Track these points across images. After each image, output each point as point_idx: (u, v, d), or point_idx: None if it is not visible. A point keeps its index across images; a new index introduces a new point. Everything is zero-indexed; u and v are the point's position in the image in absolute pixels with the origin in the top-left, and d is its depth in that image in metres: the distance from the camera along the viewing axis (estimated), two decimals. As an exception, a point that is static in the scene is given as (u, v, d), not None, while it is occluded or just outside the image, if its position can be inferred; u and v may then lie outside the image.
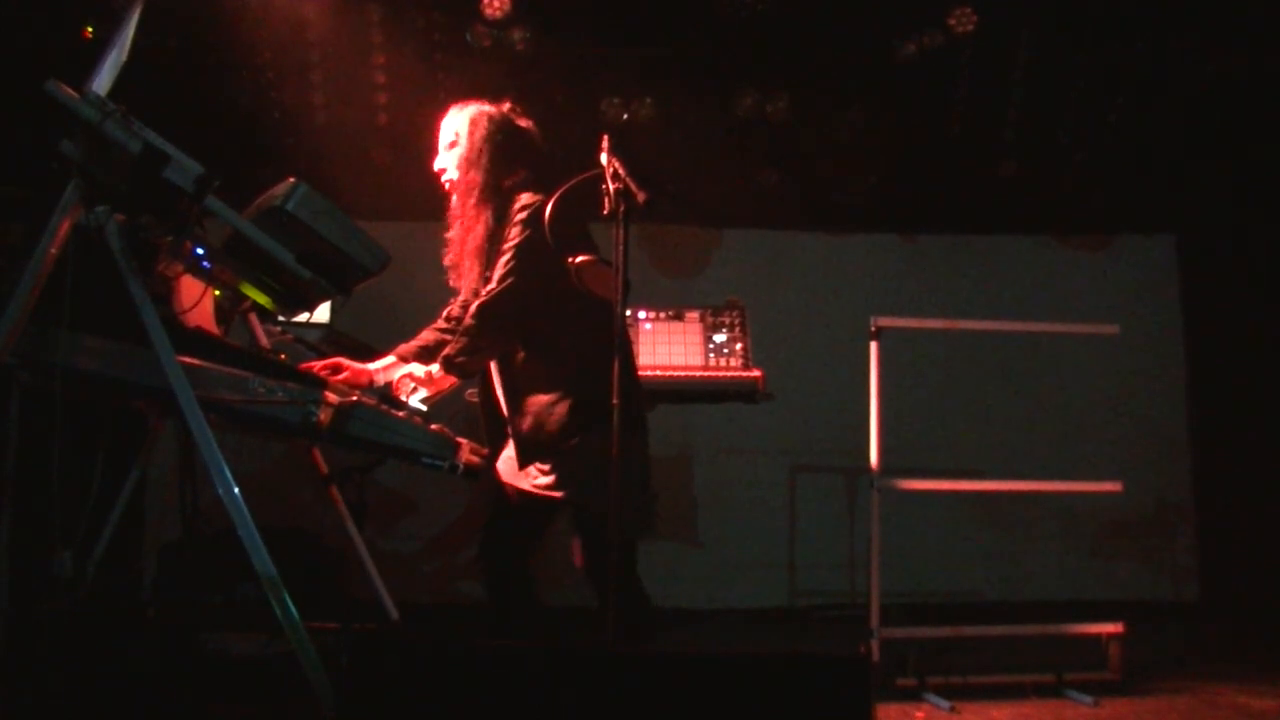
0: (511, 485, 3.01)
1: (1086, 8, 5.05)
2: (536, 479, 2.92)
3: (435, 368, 2.97)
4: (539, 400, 2.90)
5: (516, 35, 5.02)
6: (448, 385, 3.03)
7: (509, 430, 2.99)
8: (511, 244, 2.90)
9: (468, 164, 3.00)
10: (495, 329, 2.92)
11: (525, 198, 2.93)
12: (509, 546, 3.04)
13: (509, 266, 2.89)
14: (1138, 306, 5.75)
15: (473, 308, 2.93)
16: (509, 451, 3.00)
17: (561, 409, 2.87)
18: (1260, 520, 5.35)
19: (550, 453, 2.88)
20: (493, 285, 2.90)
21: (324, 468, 3.58)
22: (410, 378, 2.99)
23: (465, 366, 2.96)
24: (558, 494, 2.89)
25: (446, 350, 2.95)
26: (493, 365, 3.05)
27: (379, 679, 2.16)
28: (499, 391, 3.04)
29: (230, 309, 3.16)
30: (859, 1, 5.06)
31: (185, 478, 3.08)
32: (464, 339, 2.92)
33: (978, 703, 3.69)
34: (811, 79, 5.32)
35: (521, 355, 2.95)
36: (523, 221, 2.89)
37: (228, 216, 2.62)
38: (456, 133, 3.05)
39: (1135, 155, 5.56)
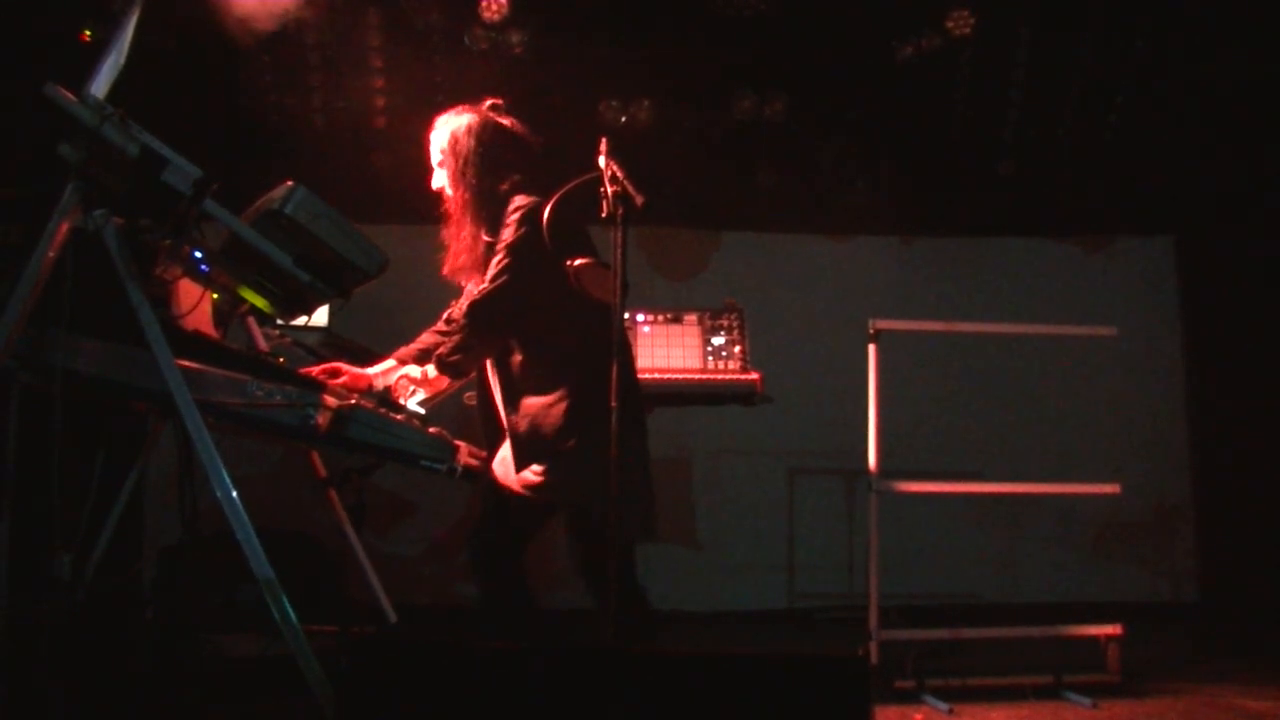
0: (506, 486, 3.01)
1: (1086, 8, 5.06)
2: (532, 480, 2.92)
3: (430, 368, 2.98)
4: (536, 402, 2.90)
5: (514, 38, 5.03)
6: (443, 385, 3.03)
7: (506, 432, 3.00)
8: (505, 244, 2.90)
9: (456, 180, 3.02)
10: (488, 328, 2.93)
11: (519, 199, 2.94)
12: (501, 546, 3.04)
13: (501, 265, 2.89)
14: (1136, 308, 5.75)
15: (465, 307, 2.94)
16: (504, 452, 3.01)
17: (559, 410, 2.87)
18: (1260, 520, 5.35)
19: (547, 454, 2.88)
20: (486, 284, 2.91)
21: (322, 471, 3.58)
22: (406, 378, 2.99)
23: (459, 366, 2.97)
24: (553, 496, 2.89)
25: (440, 350, 2.96)
26: (490, 367, 3.05)
27: (378, 681, 2.17)
28: (496, 394, 3.04)
29: (228, 312, 3.16)
30: (858, 3, 5.07)
31: (184, 480, 3.07)
32: (457, 338, 2.94)
33: (976, 704, 3.69)
34: (811, 80, 5.33)
35: (518, 357, 2.96)
36: (517, 221, 2.90)
37: (226, 219, 2.62)
38: (442, 150, 3.06)
39: (1135, 155, 5.56)
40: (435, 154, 3.09)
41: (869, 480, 3.96)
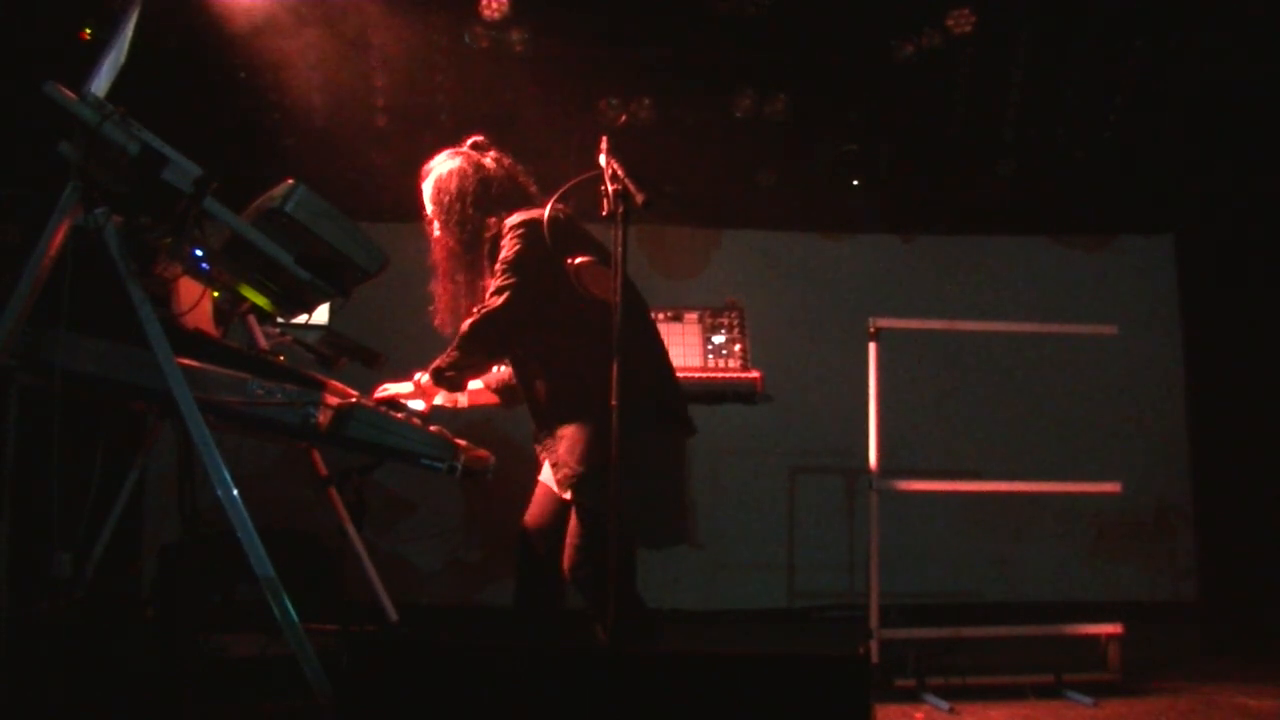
0: (548, 487, 3.01)
1: (1086, 8, 5.05)
2: (576, 499, 2.90)
3: (424, 377, 2.97)
4: (569, 429, 2.88)
5: (515, 36, 5.02)
6: (434, 395, 3.03)
7: (544, 454, 2.99)
8: (504, 260, 2.89)
9: (444, 225, 3.04)
10: (486, 342, 2.91)
11: (516, 217, 2.94)
12: (545, 547, 3.02)
13: (502, 281, 2.88)
14: (1137, 307, 5.75)
15: (465, 322, 2.92)
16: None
17: (591, 432, 2.83)
18: (1260, 520, 5.34)
19: (587, 476, 2.84)
20: (488, 300, 2.90)
21: (323, 469, 3.58)
22: (397, 396, 2.99)
23: (454, 380, 2.97)
24: (569, 494, 2.87)
25: (436, 362, 2.94)
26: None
27: (378, 680, 2.17)
28: (531, 420, 3.03)
29: (229, 311, 3.16)
30: (858, 2, 5.07)
31: (184, 478, 3.07)
32: (454, 352, 2.92)
33: (977, 703, 3.69)
34: (811, 79, 5.33)
35: (541, 383, 2.94)
36: (514, 237, 2.90)
37: (226, 218, 2.62)
38: (429, 201, 3.08)
39: (1135, 155, 5.56)
40: (427, 204, 3.10)
41: (869, 479, 3.97)
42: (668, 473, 2.91)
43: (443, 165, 3.08)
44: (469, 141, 3.14)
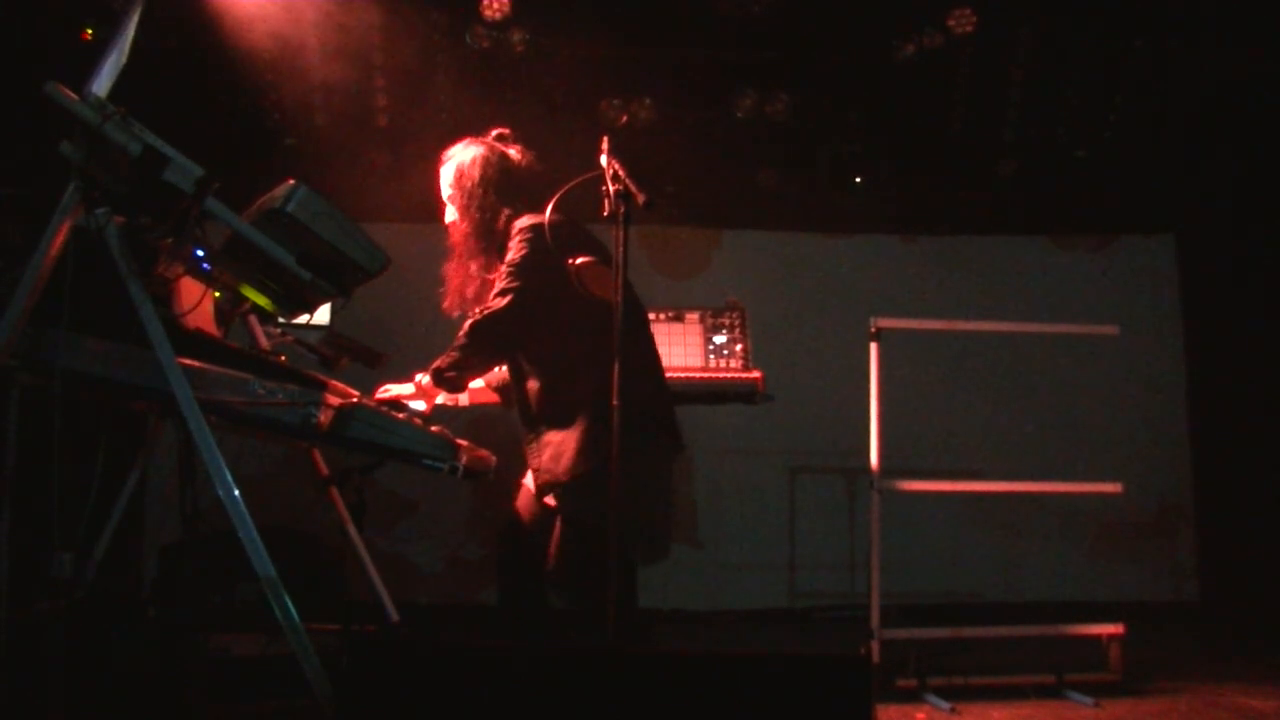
0: (531, 494, 3.01)
1: (1086, 7, 5.06)
2: (555, 505, 2.90)
3: (425, 378, 2.97)
4: (557, 436, 2.88)
5: (516, 36, 5.02)
6: (435, 396, 3.04)
7: (528, 459, 2.99)
8: (510, 262, 2.90)
9: (462, 213, 3.03)
10: (487, 343, 2.92)
11: (524, 220, 2.94)
12: (533, 552, 3.01)
13: (506, 284, 2.88)
14: (1137, 307, 5.76)
15: (467, 323, 2.92)
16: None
17: (577, 442, 2.84)
18: (1260, 520, 5.35)
19: (568, 483, 2.85)
20: (491, 301, 2.90)
21: (324, 469, 3.58)
22: (398, 397, 2.99)
23: (455, 381, 2.97)
24: (573, 516, 2.87)
25: (436, 362, 2.94)
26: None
27: (379, 680, 2.16)
28: (519, 421, 3.03)
29: (230, 311, 3.16)
30: (859, 1, 5.07)
31: (185, 478, 3.07)
32: (455, 353, 2.92)
33: (978, 703, 3.69)
34: (811, 79, 5.33)
35: (534, 384, 2.94)
36: (520, 240, 2.90)
37: (227, 218, 2.62)
38: (449, 184, 3.07)
39: (1135, 155, 5.56)
40: (444, 186, 3.09)
41: (870, 479, 3.96)
42: (652, 483, 2.89)
43: (465, 152, 3.07)
44: (494, 133, 3.13)
